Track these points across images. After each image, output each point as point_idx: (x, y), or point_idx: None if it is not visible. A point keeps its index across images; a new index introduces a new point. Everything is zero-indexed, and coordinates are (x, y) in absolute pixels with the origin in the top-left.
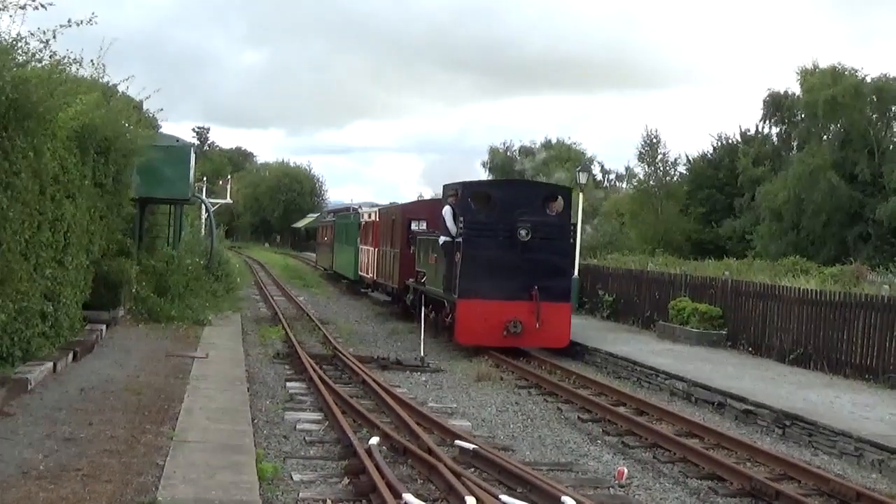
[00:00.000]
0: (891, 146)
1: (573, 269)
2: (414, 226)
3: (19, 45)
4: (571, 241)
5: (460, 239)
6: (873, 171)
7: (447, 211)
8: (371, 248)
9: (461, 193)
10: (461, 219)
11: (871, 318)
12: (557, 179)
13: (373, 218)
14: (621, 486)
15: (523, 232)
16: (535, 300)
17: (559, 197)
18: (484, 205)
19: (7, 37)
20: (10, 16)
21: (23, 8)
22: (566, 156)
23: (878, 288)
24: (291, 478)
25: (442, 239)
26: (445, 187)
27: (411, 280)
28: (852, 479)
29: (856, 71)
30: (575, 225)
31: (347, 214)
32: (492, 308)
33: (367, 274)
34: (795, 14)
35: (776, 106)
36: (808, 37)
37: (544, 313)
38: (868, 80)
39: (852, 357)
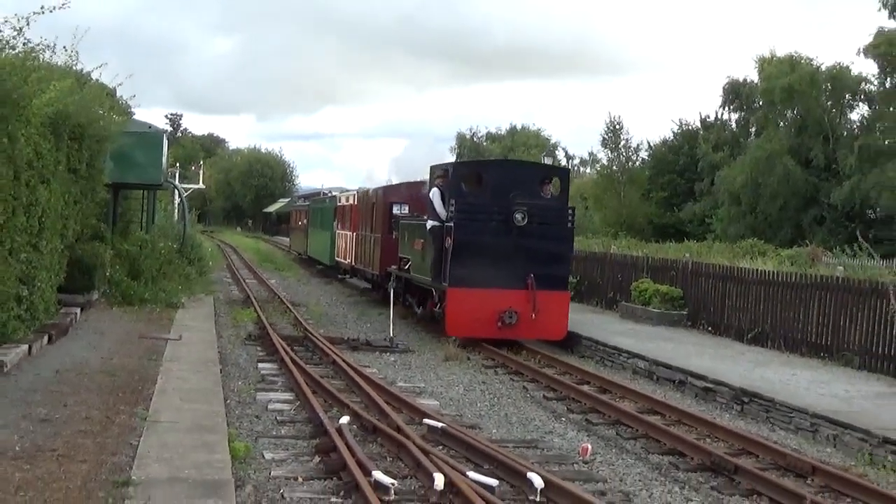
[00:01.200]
0: (844, 132)
1: (572, 255)
2: (396, 210)
3: None
4: (570, 225)
5: (451, 223)
6: (828, 156)
7: (435, 193)
8: (348, 233)
9: (451, 174)
10: (452, 201)
11: (826, 298)
12: None
13: (350, 201)
14: (585, 462)
15: (519, 216)
16: (531, 289)
17: (555, 178)
18: (475, 186)
19: None
20: None
21: None
22: (532, 141)
23: (832, 269)
24: (263, 456)
25: (430, 223)
26: (432, 168)
27: (394, 267)
28: (808, 454)
29: (811, 59)
30: (573, 208)
31: (323, 199)
32: (485, 297)
33: (345, 259)
34: (754, 3)
35: (735, 93)
36: (765, 25)
37: (541, 303)
38: (823, 68)
39: (808, 336)
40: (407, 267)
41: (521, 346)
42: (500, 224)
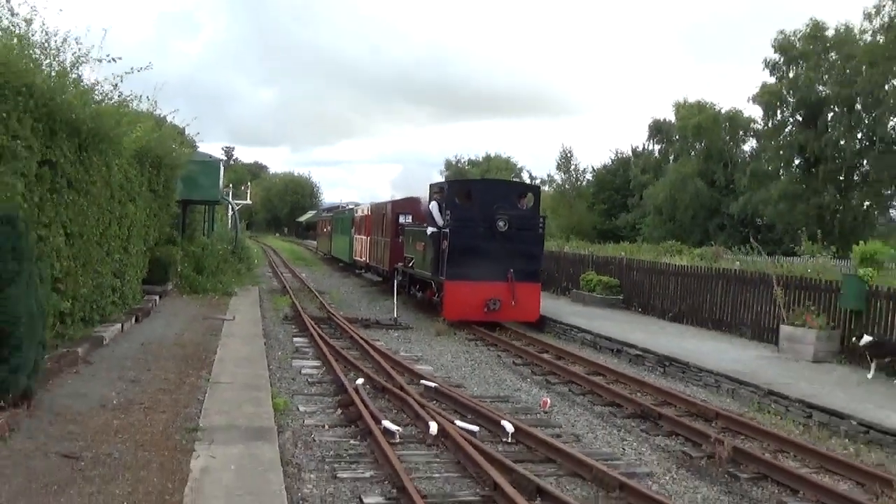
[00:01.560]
0: (739, 160)
1: (542, 255)
2: (401, 219)
3: (96, 87)
4: (541, 231)
5: (447, 229)
6: (727, 178)
7: (434, 206)
8: (364, 237)
9: (447, 191)
10: (447, 212)
11: (726, 285)
12: None
13: (365, 212)
14: (545, 413)
15: (501, 223)
16: (510, 281)
17: (529, 193)
18: (466, 200)
19: (88, 82)
20: (91, 67)
21: (99, 61)
22: (503, 166)
23: (730, 263)
24: (298, 409)
25: (430, 229)
26: (431, 186)
27: (400, 264)
28: (713, 403)
29: (714, 104)
30: (544, 217)
31: (343, 210)
32: (474, 288)
33: (360, 258)
34: (672, 60)
35: (657, 129)
36: (681, 77)
37: (519, 292)
38: (723, 111)
39: (713, 314)
40: (411, 264)
41: (497, 323)
42: (486, 230)
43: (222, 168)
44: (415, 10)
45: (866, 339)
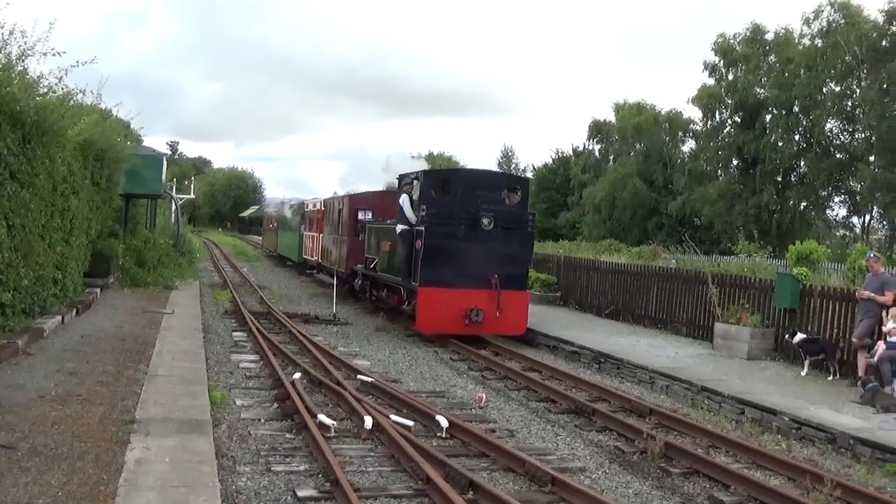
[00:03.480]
0: (678, 160)
1: (531, 258)
2: (361, 215)
3: (41, 80)
4: (530, 230)
5: (421, 227)
6: (665, 178)
7: (405, 199)
8: (315, 234)
9: (422, 181)
10: (422, 207)
11: (663, 283)
12: None
13: (317, 207)
14: (481, 408)
15: (486, 221)
16: (495, 288)
17: (518, 186)
18: (443, 193)
19: (33, 74)
20: (37, 60)
21: (44, 55)
22: (446, 165)
23: (667, 262)
24: (235, 403)
25: (399, 227)
26: (401, 176)
27: (360, 266)
28: (647, 399)
29: (654, 105)
30: (534, 214)
31: (291, 204)
32: (453, 296)
33: (312, 257)
34: (612, 61)
35: (598, 129)
36: (621, 78)
37: (505, 302)
38: (663, 112)
39: (649, 312)
40: (373, 266)
41: (478, 337)
42: (467, 228)
43: (165, 162)
44: (358, 8)
45: (799, 336)
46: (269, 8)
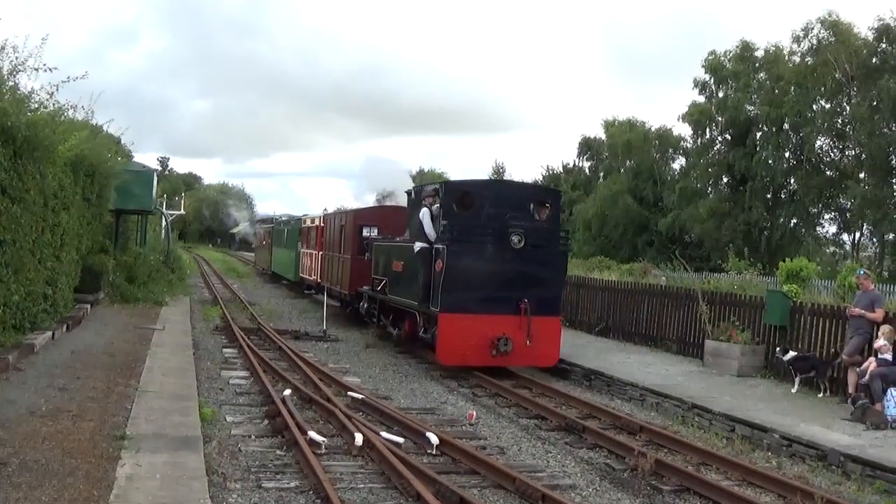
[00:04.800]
0: (668, 178)
1: (564, 280)
2: (366, 232)
3: (32, 96)
4: (563, 248)
5: (443, 245)
6: (656, 195)
7: (425, 214)
8: (314, 252)
9: (442, 194)
10: (443, 223)
11: (652, 301)
12: None
13: (316, 223)
14: (471, 425)
15: (516, 238)
16: (525, 314)
17: (549, 200)
18: (467, 208)
19: (24, 90)
20: (28, 75)
21: (36, 70)
22: (437, 181)
23: (657, 280)
24: (225, 419)
25: (417, 245)
26: (418, 190)
27: (366, 287)
28: (637, 417)
29: (644, 122)
30: (567, 231)
31: (287, 220)
32: (478, 323)
33: (310, 276)
34: (601, 78)
35: (588, 146)
36: (611, 96)
37: (536, 329)
38: (653, 129)
39: (639, 329)
40: (381, 287)
41: (505, 369)
42: (494, 247)
43: (156, 178)
44: (349, 25)
45: (791, 354)
46: (259, 24)
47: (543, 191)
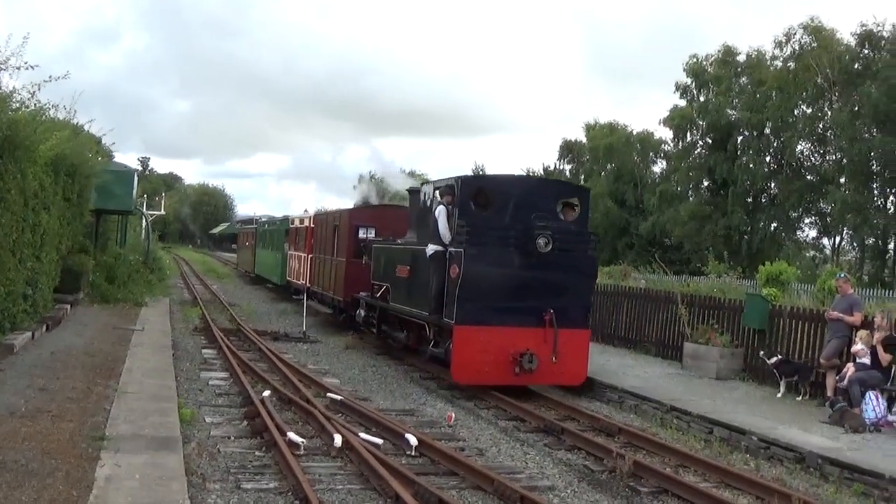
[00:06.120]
0: (649, 181)
1: (594, 288)
2: (362, 233)
3: (14, 95)
4: (591, 253)
5: (460, 249)
6: (636, 198)
7: (441, 212)
8: (303, 255)
9: (459, 191)
10: (460, 223)
11: (632, 303)
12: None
13: (305, 224)
14: (450, 426)
15: (542, 241)
16: (551, 326)
17: (577, 198)
18: (485, 207)
19: (5, 89)
20: (9, 75)
21: (18, 69)
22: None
23: (637, 282)
24: (204, 420)
25: (431, 248)
26: (430, 184)
27: (364, 294)
28: (616, 419)
29: (626, 126)
30: (597, 235)
31: (273, 220)
32: (498, 337)
33: (298, 280)
34: (582, 81)
35: (569, 150)
36: (591, 99)
37: (563, 343)
38: (634, 132)
39: (619, 331)
40: (381, 294)
41: (527, 388)
42: (518, 250)
43: (136, 178)
44: (328, 26)
45: (776, 358)
46: (239, 24)
47: (572, 188)
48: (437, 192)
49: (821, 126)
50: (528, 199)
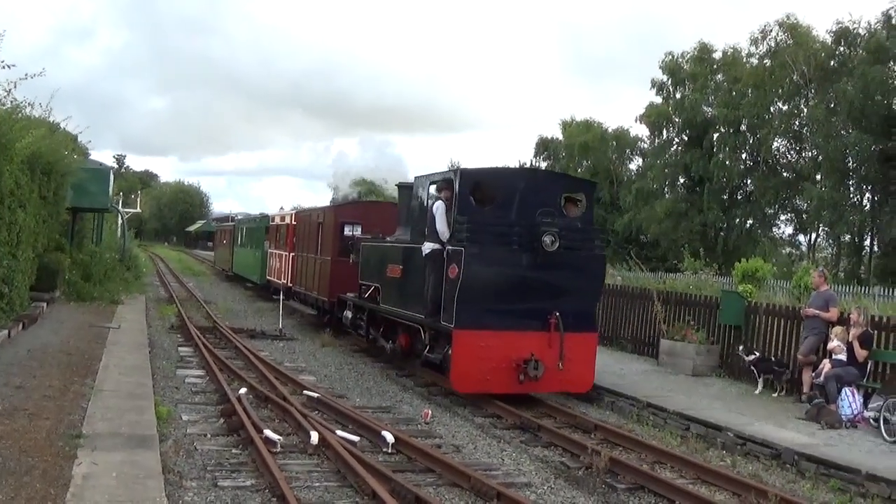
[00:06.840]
0: (625, 178)
1: (602, 289)
2: (348, 230)
3: None
4: (599, 252)
5: (459, 247)
6: (612, 195)
7: (439, 208)
8: (284, 253)
9: (458, 184)
10: (461, 219)
11: (608, 300)
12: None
13: (286, 221)
14: (427, 424)
15: (549, 239)
16: (556, 330)
17: (582, 192)
18: (486, 202)
19: None
20: None
21: None
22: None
23: (613, 279)
24: (181, 418)
25: (428, 246)
26: (424, 178)
27: (351, 294)
28: (591, 416)
29: (602, 123)
30: (604, 230)
31: (252, 217)
32: (500, 342)
33: (279, 279)
34: (558, 78)
35: (545, 147)
36: (567, 96)
37: (569, 348)
38: (610, 130)
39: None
40: (370, 294)
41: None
42: (522, 249)
43: (112, 176)
44: (303, 24)
45: (754, 356)
46: (215, 23)
47: (577, 182)
48: (432, 186)
49: (797, 123)
50: (532, 193)
